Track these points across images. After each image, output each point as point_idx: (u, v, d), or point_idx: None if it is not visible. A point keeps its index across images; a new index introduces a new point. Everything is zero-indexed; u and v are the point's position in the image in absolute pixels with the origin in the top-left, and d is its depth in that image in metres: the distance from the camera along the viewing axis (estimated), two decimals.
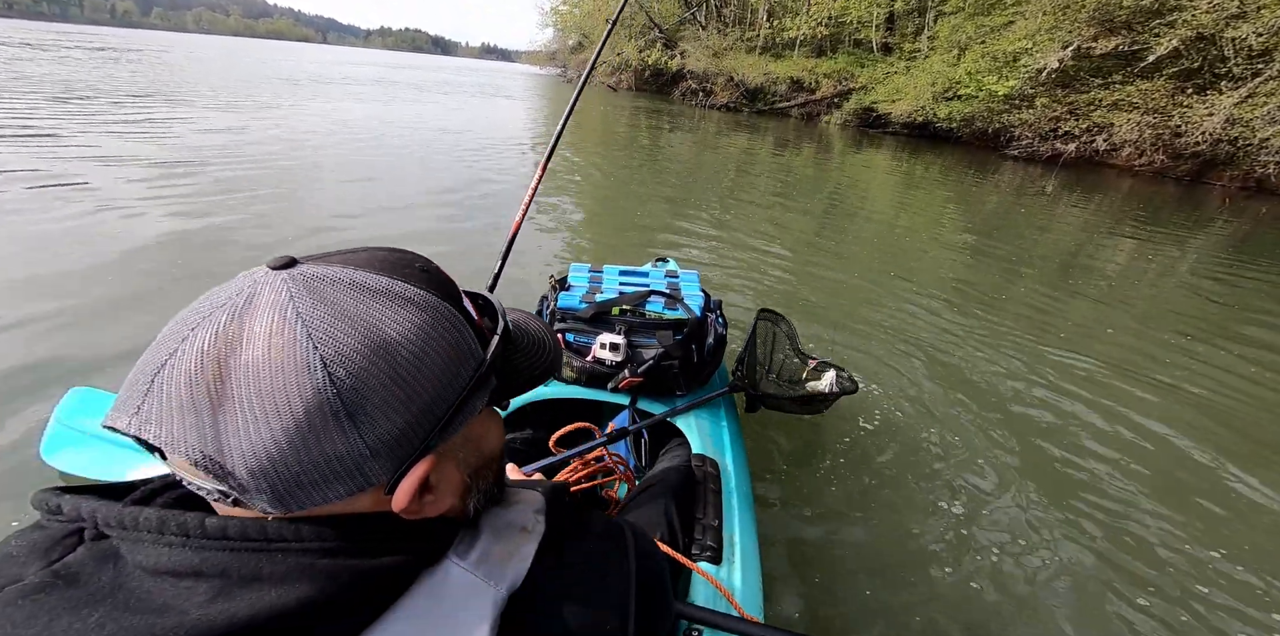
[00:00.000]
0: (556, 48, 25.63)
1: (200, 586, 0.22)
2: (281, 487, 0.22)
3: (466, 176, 4.32)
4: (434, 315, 0.25)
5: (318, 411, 0.22)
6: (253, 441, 0.21)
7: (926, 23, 12.05)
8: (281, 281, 0.23)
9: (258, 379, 0.21)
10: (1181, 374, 2.09)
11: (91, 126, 4.72)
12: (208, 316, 0.23)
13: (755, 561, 0.82)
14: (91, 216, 2.64)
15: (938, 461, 1.46)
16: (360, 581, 0.24)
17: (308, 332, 0.22)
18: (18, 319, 1.68)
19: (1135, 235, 4.44)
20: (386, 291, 0.25)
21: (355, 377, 0.22)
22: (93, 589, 0.21)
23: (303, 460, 0.22)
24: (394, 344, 0.23)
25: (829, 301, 2.52)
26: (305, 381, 0.22)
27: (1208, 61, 7.52)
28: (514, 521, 0.31)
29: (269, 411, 0.21)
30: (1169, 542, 1.26)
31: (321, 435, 0.22)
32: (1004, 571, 1.15)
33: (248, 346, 0.22)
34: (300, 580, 0.22)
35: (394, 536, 0.25)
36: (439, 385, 0.25)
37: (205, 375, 0.21)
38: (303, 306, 0.23)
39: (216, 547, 0.23)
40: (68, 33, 29.51)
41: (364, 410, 0.22)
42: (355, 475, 0.23)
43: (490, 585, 0.27)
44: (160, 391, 0.22)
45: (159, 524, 0.23)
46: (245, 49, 32.79)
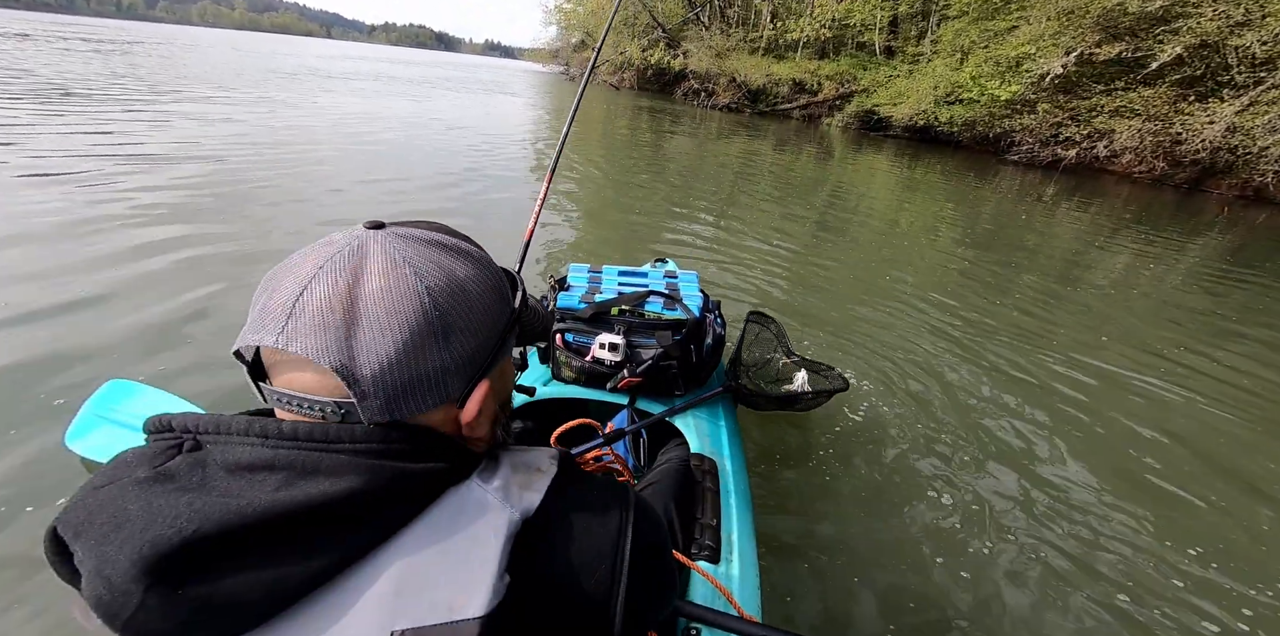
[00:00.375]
0: (559, 46, 25.55)
1: (270, 478, 0.26)
2: (393, 393, 0.28)
3: (469, 174, 4.30)
4: (486, 266, 0.33)
5: (426, 327, 0.28)
6: (378, 352, 0.27)
7: (930, 27, 12.03)
8: (383, 236, 0.30)
9: (382, 302, 0.28)
10: (1172, 378, 2.13)
11: (116, 119, 4.73)
12: (330, 257, 0.29)
13: (753, 560, 0.81)
14: (126, 213, 2.63)
15: (935, 463, 1.47)
16: (398, 480, 0.28)
17: (414, 270, 0.29)
18: (52, 313, 1.68)
19: (1133, 242, 4.43)
20: (455, 246, 0.32)
21: (448, 304, 0.29)
22: (185, 483, 0.26)
23: (411, 368, 0.28)
24: (466, 283, 0.31)
25: (827, 302, 2.53)
26: (416, 305, 0.28)
27: (1210, 69, 7.49)
28: (531, 461, 0.35)
29: (392, 327, 0.27)
30: (1150, 542, 1.29)
31: (426, 348, 0.28)
32: (1001, 570, 1.16)
33: (370, 278, 0.28)
34: (350, 473, 0.27)
35: (431, 448, 0.30)
36: (492, 320, 0.32)
37: (341, 299, 0.27)
38: (405, 251, 0.30)
39: (289, 446, 0.27)
40: (72, 24, 29.45)
41: (453, 330, 0.29)
42: (442, 386, 0.29)
43: (506, 506, 0.30)
44: (301, 313, 0.27)
45: (246, 426, 0.28)
46: (250, 43, 32.68)
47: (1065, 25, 8.35)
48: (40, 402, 1.32)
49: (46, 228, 2.36)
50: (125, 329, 1.67)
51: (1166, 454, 1.63)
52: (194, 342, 1.63)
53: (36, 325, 1.62)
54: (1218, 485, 1.51)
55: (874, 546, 1.19)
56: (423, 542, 0.28)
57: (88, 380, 1.34)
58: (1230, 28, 6.95)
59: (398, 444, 0.29)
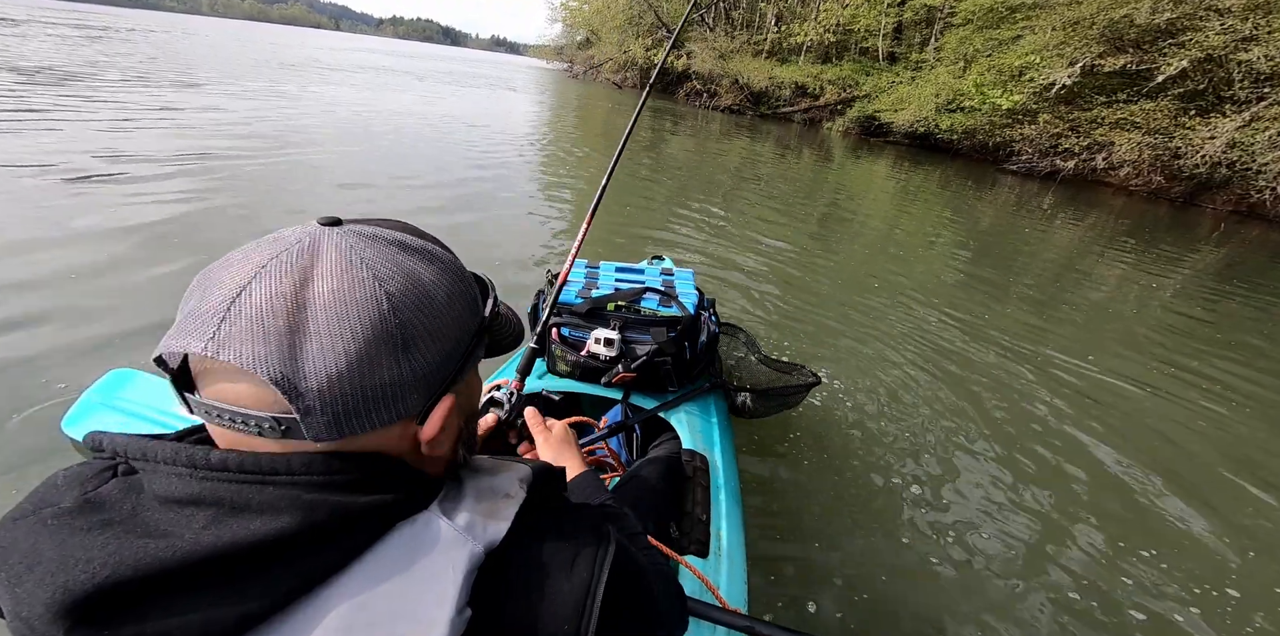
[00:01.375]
0: (564, 43, 25.31)
1: (199, 514, 0.24)
2: (341, 410, 0.24)
3: (472, 171, 4.21)
4: (455, 271, 0.30)
5: (381, 338, 0.25)
6: (326, 361, 0.24)
7: (934, 34, 11.96)
8: (339, 233, 0.26)
9: (333, 306, 0.24)
10: (1164, 388, 2.14)
11: (121, 110, 4.62)
12: (275, 256, 0.25)
13: (741, 556, 0.80)
14: (128, 205, 2.58)
15: (921, 462, 1.49)
16: (338, 517, 0.24)
17: (372, 273, 0.25)
18: (54, 307, 1.67)
19: (1128, 254, 4.37)
20: (421, 248, 0.29)
21: (409, 312, 0.26)
22: (112, 515, 0.24)
23: (362, 383, 0.24)
24: (431, 288, 0.27)
25: (820, 305, 2.52)
26: (374, 311, 0.25)
27: (1213, 84, 7.38)
28: (498, 486, 0.31)
29: (342, 335, 0.24)
30: (1125, 547, 1.29)
31: (381, 360, 0.25)
32: (982, 565, 1.18)
33: (321, 279, 0.25)
34: (283, 511, 0.24)
35: (382, 478, 0.26)
36: (460, 329, 0.29)
37: (286, 301, 0.24)
38: (364, 252, 0.26)
39: (217, 478, 0.24)
40: (90, 12, 28.69)
41: (413, 341, 0.26)
42: (398, 402, 0.26)
43: (468, 538, 0.27)
44: (238, 319, 0.23)
45: (172, 454, 0.25)
46: (260, 34, 32.42)
47: (1071, 36, 8.23)
48: (43, 393, 1.31)
49: (51, 219, 2.31)
50: (130, 320, 1.65)
51: (1156, 460, 1.64)
52: None
53: (40, 317, 1.61)
54: (1213, 491, 1.52)
55: (861, 542, 1.20)
56: (373, 579, 0.25)
57: (91, 370, 1.32)
58: (1237, 43, 6.83)
59: (341, 475, 0.25)
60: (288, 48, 18.87)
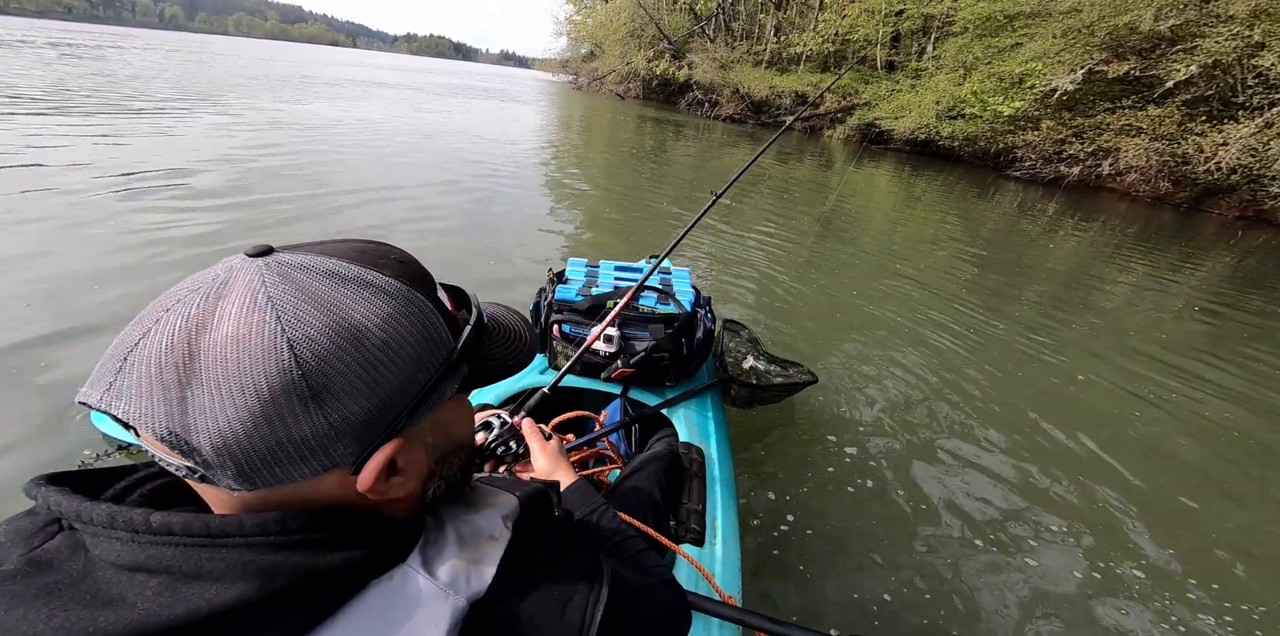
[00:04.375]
0: (569, 56, 25.50)
1: (150, 581, 0.21)
2: (246, 465, 0.21)
3: (478, 179, 4.16)
4: (404, 303, 0.24)
5: (283, 391, 0.21)
6: (217, 419, 0.21)
7: (930, 43, 11.85)
8: (256, 267, 0.23)
9: (225, 358, 0.21)
10: (1170, 396, 2.04)
11: (155, 122, 4.66)
12: (182, 299, 0.22)
13: (735, 544, 0.81)
14: (141, 209, 2.59)
15: (912, 461, 1.47)
16: (303, 580, 0.22)
17: (277, 315, 0.21)
18: (85, 302, 1.69)
19: (1134, 262, 4.15)
20: (357, 279, 0.24)
21: (321, 360, 0.21)
22: (60, 577, 0.21)
23: (267, 438, 0.21)
24: (362, 329, 0.23)
25: (819, 306, 2.46)
26: (271, 362, 0.21)
27: (1219, 90, 7.06)
28: (482, 528, 0.28)
29: (235, 390, 0.21)
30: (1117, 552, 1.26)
31: (286, 415, 0.21)
32: (967, 556, 1.18)
33: (217, 326, 0.21)
34: (240, 578, 0.21)
35: (344, 533, 0.23)
36: (407, 370, 0.24)
37: (175, 354, 0.21)
38: (274, 291, 0.22)
39: (161, 543, 0.22)
40: (127, 35, 28.87)
41: (329, 392, 0.22)
42: (320, 455, 0.22)
43: (449, 593, 0.25)
44: (132, 368, 0.21)
45: (108, 519, 0.22)
46: (284, 52, 33.19)
47: (1072, 43, 7.94)
48: (70, 381, 1.31)
49: (81, 222, 2.31)
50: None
51: (1154, 465, 1.59)
52: None
53: (61, 316, 1.61)
54: (1215, 499, 1.47)
55: (851, 533, 1.20)
56: None
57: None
58: (1247, 49, 6.53)
59: (300, 534, 0.22)
60: (313, 65, 19.09)
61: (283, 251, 0.24)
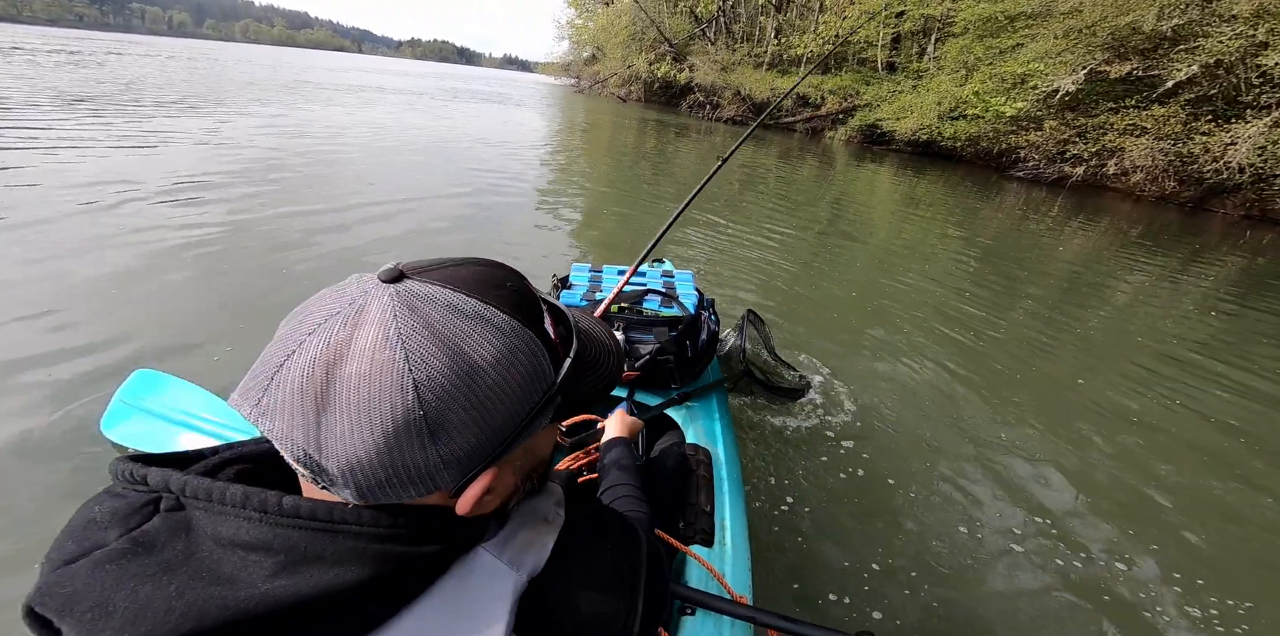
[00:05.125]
0: (571, 60, 25.52)
1: (266, 560, 0.23)
2: (365, 486, 0.23)
3: (484, 183, 4.19)
4: (517, 341, 0.26)
5: (405, 428, 0.23)
6: (348, 446, 0.23)
7: (930, 43, 11.75)
8: (389, 297, 0.24)
9: (359, 392, 0.22)
10: (1177, 396, 2.01)
11: (155, 126, 4.72)
12: (322, 323, 0.24)
13: (745, 544, 0.81)
14: (153, 212, 2.65)
15: (920, 458, 1.47)
16: (405, 566, 0.25)
17: (406, 354, 0.23)
18: (88, 309, 1.73)
19: (1141, 262, 4.09)
20: (478, 316, 0.25)
21: (440, 400, 0.23)
22: (168, 556, 0.22)
23: (386, 466, 0.23)
24: (478, 370, 0.24)
25: (823, 310, 2.44)
26: (399, 400, 0.23)
27: (1223, 89, 6.95)
28: (538, 511, 0.31)
29: (364, 423, 0.22)
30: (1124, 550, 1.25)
31: (405, 447, 0.23)
32: (980, 555, 1.18)
33: (353, 359, 0.23)
34: (355, 562, 0.23)
35: (440, 527, 0.26)
36: (512, 408, 0.25)
37: (315, 382, 0.22)
38: (404, 326, 0.23)
39: (289, 525, 0.23)
40: (134, 43, 29.09)
41: (444, 429, 0.23)
42: (428, 481, 0.24)
43: (513, 570, 0.27)
44: (278, 389, 0.23)
45: (243, 499, 0.24)
46: (291, 57, 33.60)
47: (1073, 43, 7.85)
48: (76, 389, 1.35)
49: (86, 224, 2.37)
50: (156, 321, 1.71)
51: (1160, 469, 1.56)
52: (223, 339, 1.64)
53: (68, 316, 1.67)
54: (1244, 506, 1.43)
55: (861, 532, 1.20)
56: (428, 619, 0.25)
57: (119, 368, 1.37)
58: (1250, 48, 6.43)
59: (406, 529, 0.25)
60: (322, 71, 19.31)
61: (412, 277, 0.25)
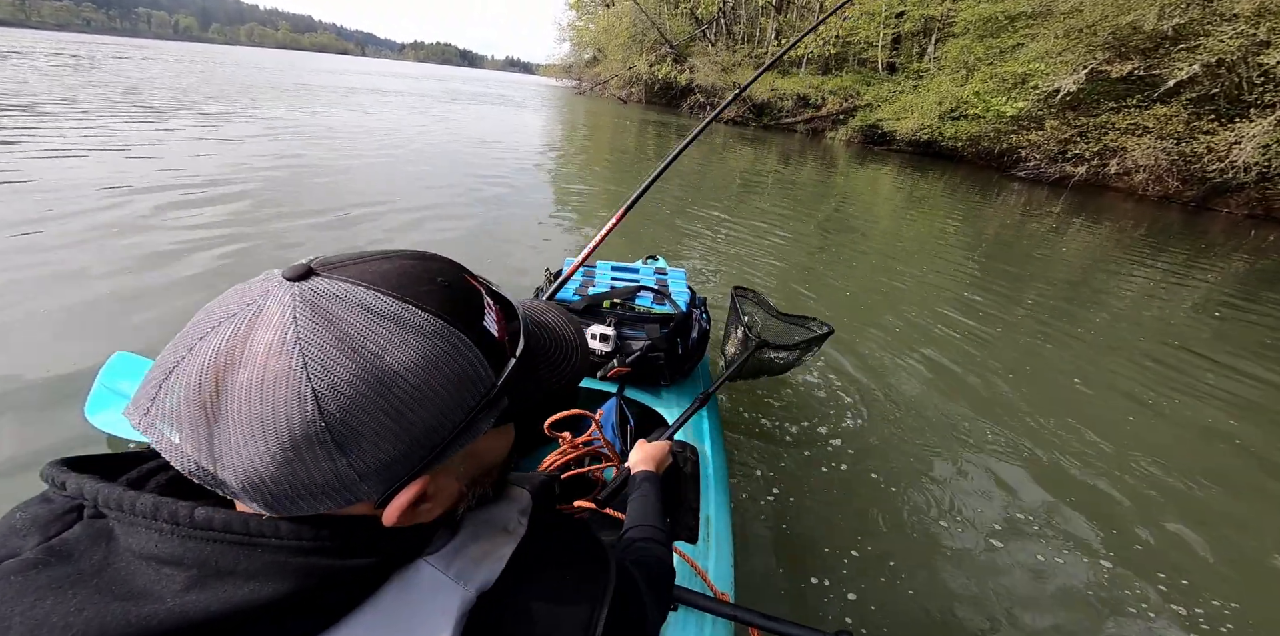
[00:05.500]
0: (572, 62, 25.67)
1: (179, 574, 0.21)
2: (271, 498, 0.22)
3: (486, 182, 4.24)
4: (441, 343, 0.23)
5: (304, 440, 0.21)
6: (243, 458, 0.21)
7: (931, 44, 11.81)
8: (290, 297, 0.22)
9: (251, 401, 0.20)
10: (1186, 395, 1.99)
11: (157, 125, 4.82)
12: (216, 326, 0.21)
13: (729, 541, 0.81)
14: (144, 201, 2.73)
15: (907, 459, 1.46)
16: (331, 580, 0.23)
17: (304, 361, 0.20)
18: (72, 293, 1.78)
19: (1144, 261, 4.06)
20: (394, 317, 0.22)
21: (346, 410, 0.21)
22: (82, 567, 0.21)
23: (290, 479, 0.21)
24: (393, 375, 0.21)
25: (824, 310, 2.41)
26: (295, 411, 0.20)
27: (1225, 88, 6.93)
28: (496, 520, 0.29)
29: (259, 434, 0.20)
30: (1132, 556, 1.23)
31: (309, 460, 0.21)
32: (965, 554, 1.17)
33: (245, 366, 0.20)
34: (273, 576, 0.22)
35: (371, 538, 0.24)
36: (438, 414, 0.23)
37: (204, 391, 0.21)
38: (304, 330, 0.21)
39: (201, 538, 0.22)
40: (142, 46, 29.32)
41: (354, 440, 0.21)
42: (344, 493, 0.22)
43: (459, 584, 0.25)
44: (166, 397, 0.21)
45: (153, 509, 0.22)
46: (295, 60, 33.89)
47: (1074, 43, 7.85)
48: (58, 372, 1.37)
49: (91, 221, 2.42)
50: (142, 308, 1.73)
51: (1160, 461, 1.55)
52: None
53: (50, 298, 1.71)
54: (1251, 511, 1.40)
55: (845, 530, 1.20)
56: (362, 635, 0.23)
57: (101, 351, 1.33)
58: (1252, 47, 6.41)
59: (331, 541, 0.23)
60: (325, 74, 19.37)
61: (322, 274, 0.22)
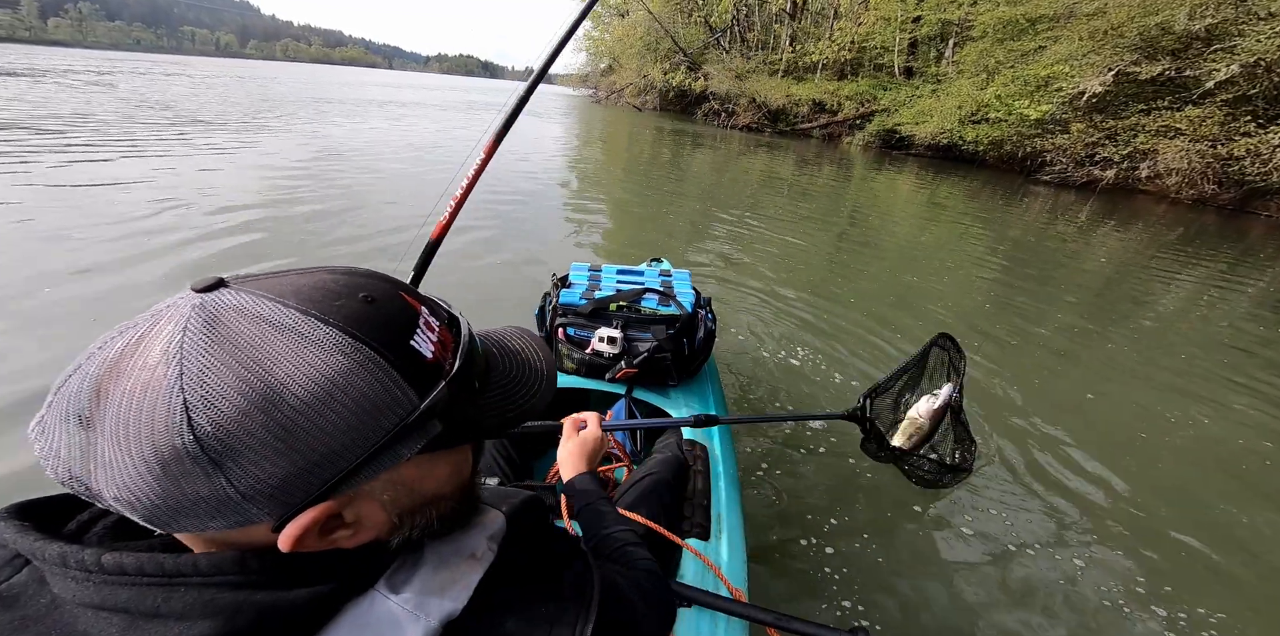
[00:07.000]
0: (589, 71, 26.24)
1: (114, 618, 0.21)
2: (148, 513, 0.20)
3: (497, 191, 4.23)
4: (343, 360, 0.21)
5: (173, 455, 0.19)
6: (114, 470, 0.20)
7: (949, 48, 11.63)
8: (190, 308, 0.21)
9: (123, 412, 0.20)
10: (1224, 412, 1.88)
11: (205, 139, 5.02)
12: (117, 336, 0.21)
13: (741, 538, 0.81)
14: (167, 211, 2.82)
15: None
16: (267, 617, 0.21)
17: (180, 372, 0.20)
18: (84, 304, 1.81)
19: (1182, 268, 3.89)
20: (293, 329, 0.21)
21: (219, 426, 0.19)
22: (29, 611, 0.21)
23: (165, 495, 0.20)
24: (280, 390, 0.20)
25: (841, 317, 2.36)
26: (161, 423, 0.19)
27: (1264, 89, 6.63)
28: (463, 547, 0.27)
29: (130, 445, 0.19)
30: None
31: (181, 477, 0.20)
32: (980, 554, 1.16)
33: (125, 377, 0.20)
34: (202, 615, 0.21)
35: (307, 569, 0.22)
36: (338, 435, 0.21)
37: (85, 398, 0.20)
38: (190, 342, 0.20)
39: (115, 583, 0.21)
40: (186, 63, 30.28)
41: (231, 458, 0.20)
42: (230, 513, 0.21)
43: (420, 617, 0.24)
44: (55, 405, 0.21)
45: (60, 559, 0.21)
46: (331, 74, 34.93)
47: (1100, 44, 7.63)
48: None
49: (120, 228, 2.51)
50: None
51: (1185, 480, 1.49)
52: None
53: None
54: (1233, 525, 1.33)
55: (858, 527, 1.19)
56: None
57: None
58: None
59: (259, 574, 0.21)
60: (356, 86, 20.12)
61: (231, 287, 0.22)
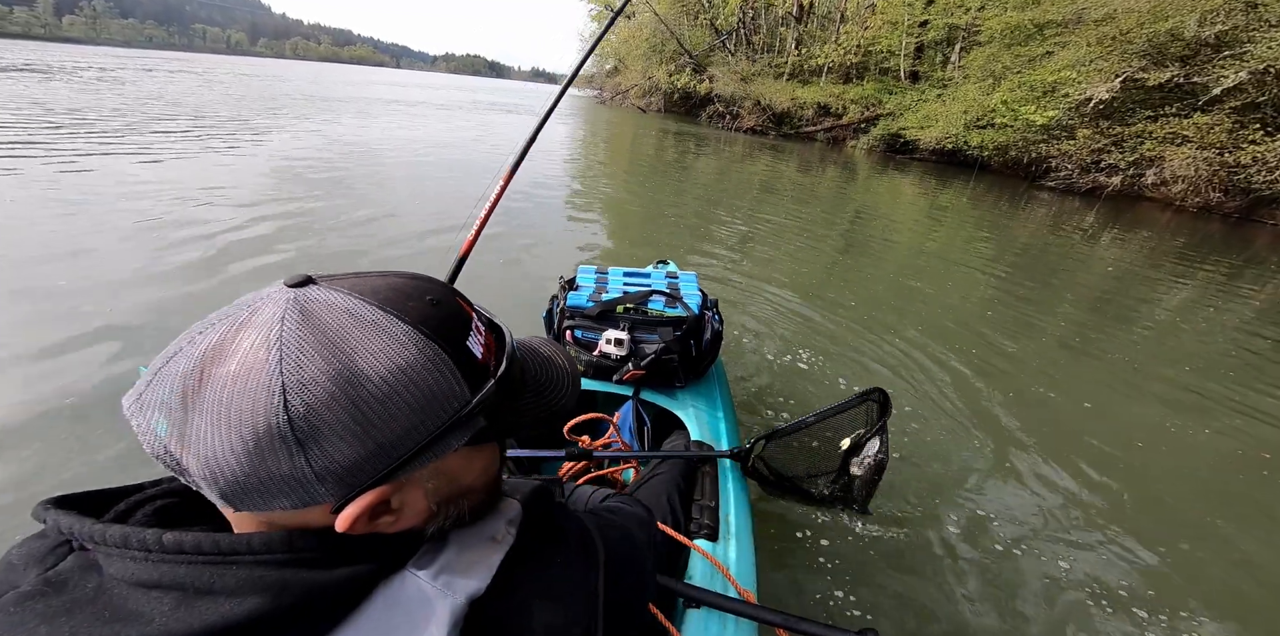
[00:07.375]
0: (594, 72, 26.23)
1: (166, 596, 0.22)
2: (227, 489, 0.22)
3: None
4: (417, 355, 0.24)
5: (266, 433, 0.22)
6: (208, 445, 0.22)
7: (955, 53, 11.64)
8: (285, 300, 0.23)
9: (224, 391, 0.22)
10: (1228, 421, 1.87)
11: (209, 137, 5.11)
12: (216, 323, 0.23)
13: (749, 538, 0.82)
14: (189, 212, 2.88)
15: (930, 463, 1.45)
16: (311, 594, 0.23)
17: (280, 357, 0.22)
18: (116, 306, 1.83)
19: (1185, 276, 3.86)
20: (376, 324, 0.24)
21: (310, 408, 0.22)
22: (77, 596, 0.22)
23: (248, 472, 0.22)
24: (363, 377, 0.23)
25: (844, 321, 2.37)
26: (261, 402, 0.21)
27: (1273, 97, 6.59)
28: (484, 531, 0.29)
29: (225, 423, 0.22)
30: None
31: (268, 454, 0.22)
32: (989, 557, 1.18)
33: (230, 359, 0.22)
34: (251, 592, 0.22)
35: (349, 550, 0.24)
36: (404, 424, 0.24)
37: (189, 380, 0.22)
38: (288, 329, 0.22)
39: (173, 561, 0.23)
40: (197, 61, 30.70)
41: (314, 439, 0.22)
42: (300, 492, 0.23)
43: (448, 594, 0.25)
44: (158, 385, 0.22)
45: (121, 539, 0.23)
46: (341, 73, 35.35)
47: (1108, 50, 7.61)
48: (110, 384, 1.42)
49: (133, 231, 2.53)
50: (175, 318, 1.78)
51: (1199, 499, 1.46)
52: None
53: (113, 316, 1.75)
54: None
55: (867, 529, 1.20)
56: None
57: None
58: None
59: (306, 552, 0.23)
60: (363, 85, 20.20)
61: (319, 284, 0.24)
